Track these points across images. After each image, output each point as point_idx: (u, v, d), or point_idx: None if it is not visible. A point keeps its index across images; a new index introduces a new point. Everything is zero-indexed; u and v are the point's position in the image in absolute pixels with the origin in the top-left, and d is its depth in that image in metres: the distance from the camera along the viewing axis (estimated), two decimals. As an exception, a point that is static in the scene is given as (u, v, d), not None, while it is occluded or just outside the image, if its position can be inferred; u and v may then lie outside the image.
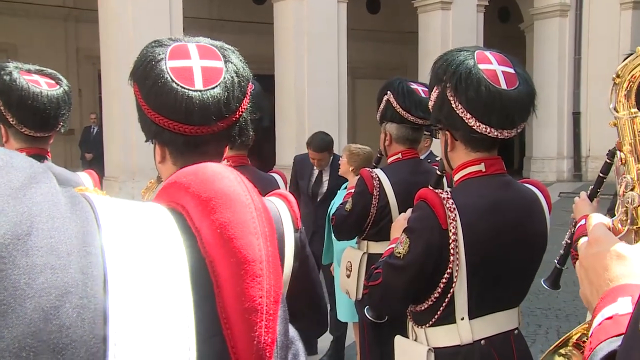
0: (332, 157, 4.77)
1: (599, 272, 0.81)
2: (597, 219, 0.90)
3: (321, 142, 4.66)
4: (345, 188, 4.07)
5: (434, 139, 2.10)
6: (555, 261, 2.43)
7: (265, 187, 2.26)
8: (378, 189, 2.78)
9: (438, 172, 2.18)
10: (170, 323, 0.45)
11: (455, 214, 1.66)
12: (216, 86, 1.21)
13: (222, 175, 0.55)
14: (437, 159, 2.19)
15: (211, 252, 0.51)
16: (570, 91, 13.79)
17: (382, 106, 2.88)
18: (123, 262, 0.45)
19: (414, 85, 2.86)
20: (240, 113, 1.27)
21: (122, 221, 0.48)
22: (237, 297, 0.50)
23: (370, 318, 2.62)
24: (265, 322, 0.51)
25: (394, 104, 2.80)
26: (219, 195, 0.53)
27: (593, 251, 0.84)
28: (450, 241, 1.65)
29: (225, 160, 2.27)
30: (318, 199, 4.76)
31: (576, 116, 13.82)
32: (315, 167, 4.77)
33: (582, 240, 0.89)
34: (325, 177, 4.77)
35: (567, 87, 13.74)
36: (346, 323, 4.25)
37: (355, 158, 3.84)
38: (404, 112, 2.77)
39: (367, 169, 2.89)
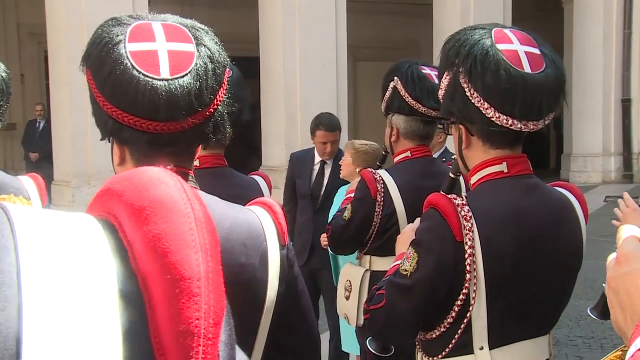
0: (338, 149, 4.87)
1: (632, 295, 0.83)
2: (630, 231, 0.91)
3: (333, 120, 4.79)
4: (342, 191, 4.12)
5: (447, 134, 2.14)
6: (604, 285, 2.45)
7: (245, 193, 2.29)
8: (382, 194, 2.82)
9: (452, 175, 2.22)
10: (95, 350, 0.47)
11: (472, 224, 1.69)
12: (186, 74, 1.23)
13: (160, 181, 0.58)
14: (453, 157, 2.23)
15: (143, 268, 0.54)
16: (618, 74, 13.76)
17: (387, 95, 2.92)
18: (42, 281, 0.47)
19: (426, 70, 2.90)
20: (216, 106, 1.29)
21: (43, 235, 0.50)
22: (172, 319, 0.53)
23: (373, 351, 2.65)
24: (203, 347, 0.53)
25: (402, 92, 2.84)
26: (154, 204, 0.55)
27: (623, 270, 0.86)
28: (466, 256, 1.68)
29: (198, 161, 2.31)
30: (318, 203, 4.83)
31: (626, 104, 13.78)
32: (316, 162, 4.85)
33: (611, 257, 0.91)
34: (327, 173, 4.86)
35: (614, 69, 13.71)
36: (348, 354, 4.28)
37: (362, 157, 3.89)
38: (414, 102, 2.81)
39: (369, 169, 2.93)
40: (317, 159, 4.86)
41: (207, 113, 1.27)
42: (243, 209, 1.39)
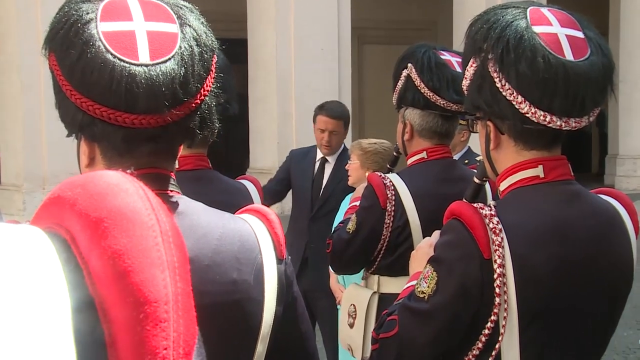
0: (342, 146, 4.96)
1: None
2: None
3: (339, 107, 4.92)
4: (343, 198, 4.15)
5: (471, 132, 2.15)
6: None
7: (233, 200, 2.30)
8: (393, 202, 2.83)
9: (476, 180, 2.22)
10: None
11: (502, 238, 1.69)
12: (169, 59, 1.25)
13: (119, 187, 0.58)
14: (478, 159, 2.25)
15: (102, 290, 0.54)
16: (672, 63, 13.83)
17: (400, 85, 2.94)
18: None
19: (446, 56, 2.92)
20: (203, 96, 1.31)
21: None
22: (135, 349, 0.53)
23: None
24: None
25: (417, 81, 2.85)
26: (113, 215, 0.56)
27: None
28: (495, 276, 1.67)
29: (177, 160, 2.32)
30: (314, 208, 4.89)
31: (681, 98, 13.86)
32: (317, 159, 4.93)
33: None
34: (327, 173, 4.94)
35: (668, 56, 13.79)
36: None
37: (371, 157, 3.92)
38: (431, 94, 2.83)
39: (378, 173, 2.94)
40: (319, 155, 4.95)
41: (194, 104, 1.28)
42: (234, 217, 1.40)
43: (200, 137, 1.37)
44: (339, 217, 4.20)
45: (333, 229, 3.13)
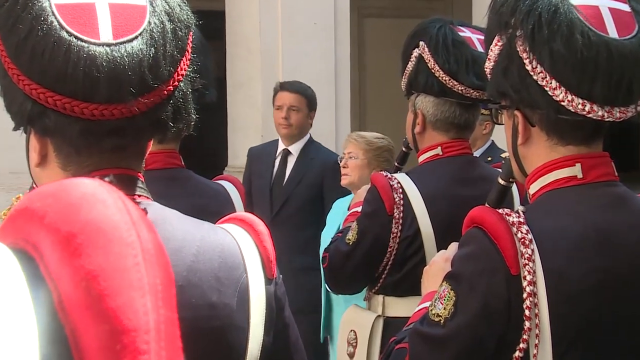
0: (309, 135, 5.20)
1: None
2: None
3: (301, 85, 5.21)
4: (339, 206, 4.14)
5: (495, 124, 2.16)
6: None
7: (212, 205, 2.30)
8: (402, 208, 2.84)
9: (501, 181, 2.23)
10: None
11: (533, 250, 1.69)
12: (135, 37, 1.25)
13: (95, 198, 0.59)
14: (504, 155, 2.25)
15: (73, 316, 0.55)
16: None
17: (410, 67, 2.95)
18: None
19: (465, 32, 2.93)
20: (177, 82, 1.31)
21: None
22: None
23: None
24: None
25: (431, 63, 2.86)
26: (87, 230, 0.57)
27: None
28: (525, 296, 1.68)
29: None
30: (272, 210, 5.03)
31: None
32: (278, 152, 5.12)
33: None
34: (290, 166, 5.13)
35: None
36: None
37: (382, 154, 3.94)
38: (448, 78, 2.84)
39: (383, 172, 2.95)
40: (281, 147, 5.16)
41: (166, 92, 1.29)
42: (214, 228, 1.40)
43: (173, 131, 1.37)
44: (330, 229, 4.20)
45: (330, 241, 3.12)
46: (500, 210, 1.76)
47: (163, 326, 0.57)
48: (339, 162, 4.34)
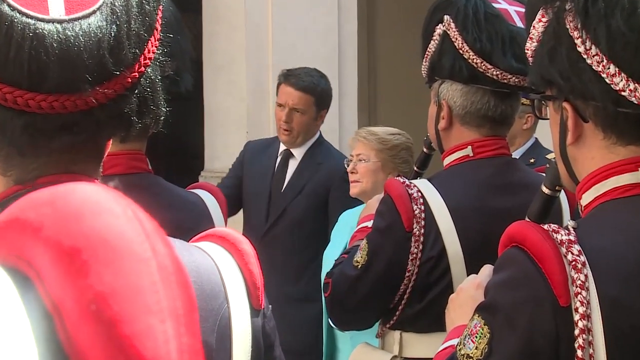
0: (318, 134, 5.18)
1: None
2: None
3: (310, 77, 5.13)
4: (344, 221, 4.13)
5: (539, 118, 2.16)
6: None
7: (185, 219, 2.29)
8: (423, 223, 2.83)
9: (546, 189, 2.23)
10: None
11: (587, 275, 1.68)
12: (93, 12, 1.25)
13: (100, 206, 0.62)
14: (549, 157, 2.25)
15: (80, 344, 0.56)
16: None
17: (433, 48, 2.95)
18: None
19: (501, 4, 2.94)
20: (143, 68, 1.32)
21: None
22: None
23: None
24: None
25: (459, 42, 2.86)
26: (93, 243, 0.59)
27: None
28: (577, 332, 1.67)
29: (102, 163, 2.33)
30: (267, 221, 5.04)
31: None
32: (280, 152, 5.12)
33: None
34: (291, 169, 5.13)
35: None
36: None
37: (401, 155, 3.94)
38: (479, 60, 2.84)
39: (400, 178, 2.94)
40: (282, 147, 5.16)
41: (129, 79, 1.30)
42: (187, 247, 1.41)
43: (138, 128, 1.38)
44: (334, 249, 4.19)
45: (334, 264, 3.12)
46: (545, 226, 1.75)
47: (187, 356, 0.58)
48: (345, 166, 4.33)
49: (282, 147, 5.15)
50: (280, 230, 4.98)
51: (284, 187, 5.10)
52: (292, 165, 5.12)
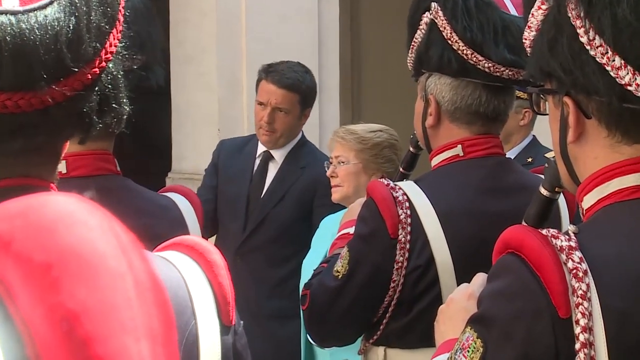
0: (300, 135, 5.19)
1: None
2: None
3: (294, 72, 5.10)
4: (327, 227, 4.14)
5: (537, 114, 2.16)
6: None
7: (156, 226, 2.28)
8: (409, 229, 2.85)
9: (544, 191, 2.24)
10: None
11: (589, 285, 1.69)
12: (50, 2, 1.26)
13: (74, 218, 0.62)
14: (548, 156, 2.27)
15: None
16: None
17: (419, 38, 2.96)
18: None
19: (493, -11, 2.94)
20: (104, 63, 1.33)
21: None
22: None
23: None
24: None
25: (447, 31, 2.87)
26: (66, 259, 0.60)
27: None
28: (578, 346, 1.68)
29: (65, 161, 2.30)
30: (244, 230, 5.02)
31: None
32: (258, 154, 5.11)
33: None
34: (271, 173, 5.09)
35: None
36: None
37: (383, 154, 3.94)
38: (470, 51, 2.85)
39: (384, 180, 2.96)
40: (261, 149, 5.13)
41: (90, 75, 1.30)
42: (153, 258, 1.40)
43: (98, 128, 1.38)
44: (317, 249, 4.19)
45: (312, 274, 3.12)
46: (544, 231, 1.76)
47: None
48: (325, 168, 4.32)
49: (261, 148, 5.13)
50: (259, 240, 4.97)
51: (263, 193, 5.08)
52: (273, 169, 5.11)
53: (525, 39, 1.92)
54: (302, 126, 5.23)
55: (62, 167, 1.62)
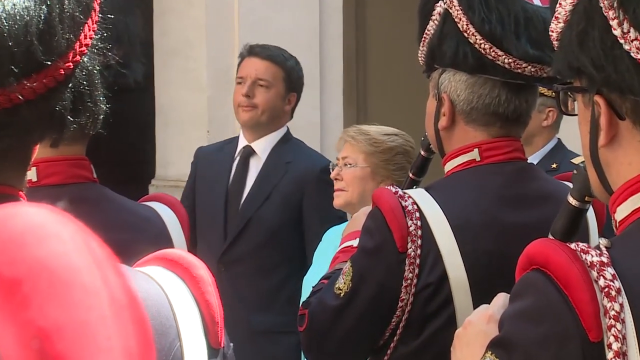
0: (285, 128, 5.21)
1: None
2: None
3: (276, 49, 5.21)
4: (329, 239, 4.14)
5: (564, 114, 2.16)
6: None
7: (136, 239, 2.29)
8: (419, 242, 2.84)
9: (573, 200, 2.24)
10: None
11: (622, 305, 1.69)
12: None
13: (45, 230, 0.63)
14: (576, 162, 2.27)
15: None
16: None
17: (431, 30, 2.97)
18: None
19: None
20: (78, 56, 1.34)
21: None
22: None
23: None
24: None
25: (463, 23, 2.87)
26: (37, 273, 0.60)
27: None
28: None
29: (35, 168, 2.30)
30: (225, 238, 5.01)
31: None
32: (238, 151, 5.13)
33: None
34: (252, 174, 5.08)
35: None
36: None
37: (396, 160, 3.93)
38: (488, 46, 2.85)
39: (392, 188, 2.96)
40: (242, 144, 5.14)
41: (63, 71, 1.31)
42: (133, 274, 1.41)
43: (72, 129, 1.39)
44: (320, 265, 4.18)
45: (311, 292, 3.12)
46: (572, 245, 1.76)
47: None
48: (330, 169, 4.32)
49: (242, 144, 5.13)
50: (243, 248, 4.96)
51: (245, 193, 5.09)
52: (255, 167, 5.11)
53: (552, 32, 1.92)
54: (287, 115, 5.25)
55: (32, 174, 1.62)
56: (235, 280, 4.73)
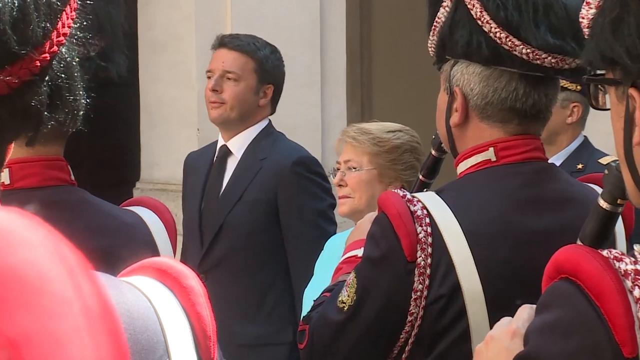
0: (265, 123, 5.22)
1: None
2: None
3: (248, 39, 5.25)
4: (332, 249, 4.14)
5: (596, 109, 2.14)
6: None
7: (117, 246, 2.29)
8: (429, 250, 2.84)
9: (604, 203, 2.24)
10: None
11: None
12: None
13: (13, 236, 0.63)
14: (606, 162, 2.27)
15: None
16: None
17: (442, 18, 2.96)
18: None
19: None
20: (56, 47, 1.34)
21: None
22: None
23: None
24: None
25: (477, 10, 2.86)
26: (4, 281, 0.60)
27: None
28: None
29: (8, 170, 2.31)
30: (202, 243, 5.05)
31: None
32: (220, 144, 5.17)
33: None
34: (228, 173, 5.14)
35: None
36: None
37: (404, 159, 3.93)
38: (504, 34, 2.85)
39: (399, 191, 2.95)
40: (220, 144, 5.21)
41: (38, 62, 1.31)
42: (117, 285, 1.41)
43: (50, 126, 1.40)
44: (322, 276, 4.18)
45: (312, 305, 3.11)
46: (604, 252, 1.75)
47: None
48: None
49: (220, 144, 5.18)
50: (220, 254, 4.98)
51: (220, 195, 5.13)
52: (231, 166, 5.14)
53: (583, 18, 1.91)
54: (264, 110, 5.26)
55: (5, 176, 1.61)
56: (214, 288, 4.73)
